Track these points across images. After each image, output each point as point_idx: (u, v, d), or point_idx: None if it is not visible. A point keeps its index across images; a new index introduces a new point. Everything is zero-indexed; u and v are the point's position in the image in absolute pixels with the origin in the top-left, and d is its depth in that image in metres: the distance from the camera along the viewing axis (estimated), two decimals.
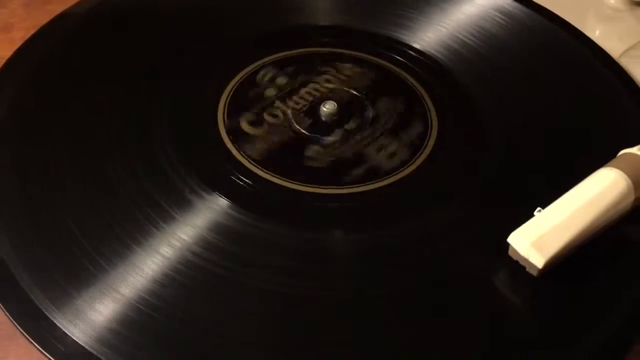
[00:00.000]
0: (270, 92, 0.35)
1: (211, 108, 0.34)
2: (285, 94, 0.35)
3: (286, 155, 0.32)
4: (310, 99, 0.35)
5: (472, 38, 0.39)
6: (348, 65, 0.37)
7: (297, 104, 0.34)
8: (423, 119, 0.34)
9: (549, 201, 0.28)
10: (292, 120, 0.34)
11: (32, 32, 0.39)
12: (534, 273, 0.26)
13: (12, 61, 0.35)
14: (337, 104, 0.34)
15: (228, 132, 0.32)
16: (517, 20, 0.40)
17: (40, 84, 0.34)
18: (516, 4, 0.40)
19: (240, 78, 0.35)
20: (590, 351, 0.25)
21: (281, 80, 0.36)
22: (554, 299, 0.26)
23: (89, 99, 0.34)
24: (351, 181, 0.31)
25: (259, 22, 0.39)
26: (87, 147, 0.31)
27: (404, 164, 0.32)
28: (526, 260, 0.26)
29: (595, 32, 0.43)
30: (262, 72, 0.36)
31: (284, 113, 0.34)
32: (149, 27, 0.39)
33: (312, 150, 0.32)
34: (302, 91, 0.35)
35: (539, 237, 0.26)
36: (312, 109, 0.34)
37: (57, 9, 0.41)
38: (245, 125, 0.33)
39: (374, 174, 0.31)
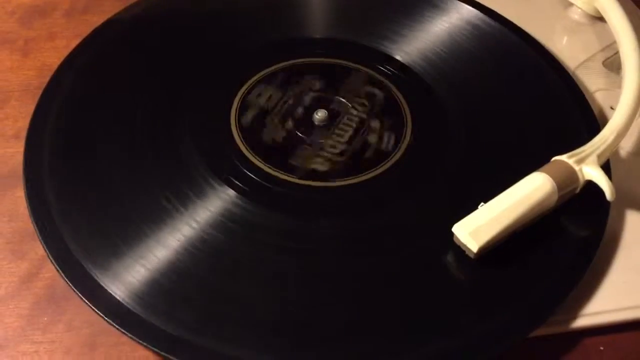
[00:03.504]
0: (269, 106, 0.40)
1: (225, 124, 0.39)
2: (282, 107, 0.40)
3: (298, 159, 0.38)
4: (303, 108, 0.40)
5: (445, 50, 0.44)
6: (328, 73, 0.42)
7: (294, 114, 0.40)
8: (399, 116, 0.40)
9: (493, 195, 0.34)
10: (294, 129, 0.39)
11: (73, 40, 0.44)
12: (472, 256, 0.32)
13: (60, 70, 0.41)
14: (326, 110, 0.39)
15: (246, 147, 0.38)
16: (487, 34, 0.45)
17: (85, 89, 0.40)
18: (488, 20, 0.46)
19: (241, 96, 0.40)
20: (517, 316, 0.32)
21: (275, 94, 0.41)
22: (487, 275, 0.33)
23: (124, 106, 0.40)
24: (363, 169, 0.37)
25: (258, 34, 0.45)
26: (127, 146, 0.38)
27: (393, 149, 0.38)
28: (465, 246, 0.32)
29: (562, 44, 0.48)
30: (257, 89, 0.41)
31: (286, 124, 0.39)
32: (166, 40, 0.44)
33: (318, 151, 0.38)
34: (295, 102, 0.40)
35: (476, 228, 0.32)
36: (307, 117, 0.40)
37: (94, 19, 0.47)
38: (258, 140, 0.38)
39: (372, 164, 0.38)
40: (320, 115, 0.40)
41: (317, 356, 0.31)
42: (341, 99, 0.41)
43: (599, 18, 0.48)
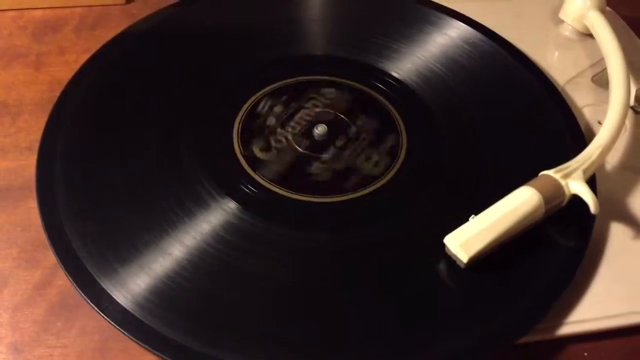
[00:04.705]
0: (271, 120, 0.42)
1: (227, 138, 0.41)
2: (284, 121, 0.42)
3: (294, 173, 0.39)
4: (304, 123, 0.42)
5: (439, 66, 0.46)
6: (331, 90, 0.44)
7: (295, 128, 0.42)
8: (395, 135, 0.42)
9: (484, 208, 0.36)
10: (294, 143, 0.41)
11: (82, 55, 0.46)
12: (462, 265, 0.34)
13: (71, 84, 0.43)
14: (326, 125, 0.41)
15: (245, 159, 0.39)
16: (479, 51, 0.47)
17: (94, 103, 0.42)
18: (481, 37, 0.48)
19: (245, 110, 0.42)
20: (504, 324, 0.33)
21: (278, 108, 0.43)
22: (476, 284, 0.35)
23: (132, 119, 0.41)
24: (350, 189, 0.39)
25: (261, 51, 0.46)
26: (134, 162, 0.39)
27: (385, 169, 0.40)
28: (456, 256, 0.34)
29: (553, 59, 0.50)
30: (261, 104, 0.43)
31: (286, 138, 0.41)
32: (174, 54, 0.46)
33: (314, 166, 0.40)
34: (297, 116, 0.42)
35: (466, 240, 0.34)
36: (307, 131, 0.41)
37: (102, 34, 0.49)
38: (257, 152, 0.40)
39: (366, 181, 0.39)
40: (320, 130, 0.41)
41: None
42: (344, 117, 0.43)
43: (589, 35, 0.50)
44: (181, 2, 0.50)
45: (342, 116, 0.43)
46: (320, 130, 0.41)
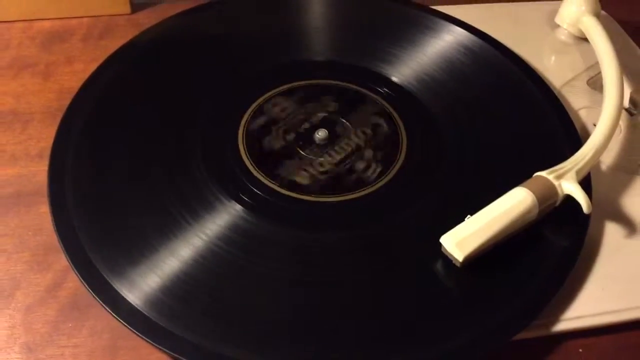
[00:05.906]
0: (275, 123, 0.43)
1: (233, 135, 0.42)
2: (289, 122, 0.43)
3: (292, 172, 0.41)
4: (308, 125, 0.43)
5: (438, 71, 0.47)
6: (333, 95, 0.45)
7: (299, 130, 0.43)
8: (395, 140, 0.43)
9: (481, 208, 0.37)
10: (295, 144, 0.42)
11: (90, 64, 0.47)
12: (458, 264, 0.35)
13: (80, 92, 0.44)
14: (327, 130, 0.42)
15: (248, 155, 0.41)
16: (478, 56, 0.48)
17: (103, 111, 0.43)
18: (479, 41, 0.49)
19: (249, 115, 0.43)
20: (501, 321, 0.34)
21: (287, 109, 0.44)
22: (473, 282, 0.36)
23: (140, 125, 0.43)
24: (343, 191, 0.40)
25: (265, 58, 0.48)
26: (142, 168, 0.40)
27: (380, 175, 0.41)
28: (452, 255, 0.35)
29: (549, 63, 0.51)
30: (270, 103, 0.44)
31: (290, 138, 0.42)
32: (180, 62, 0.48)
33: (313, 167, 0.41)
34: (302, 119, 0.43)
35: (461, 239, 0.35)
36: (310, 134, 0.42)
37: (109, 44, 0.50)
38: (260, 150, 0.41)
39: (361, 184, 0.40)
40: (321, 134, 0.42)
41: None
42: (347, 122, 0.44)
43: (584, 39, 0.51)
44: (186, 11, 0.51)
45: (344, 121, 0.44)
46: (321, 134, 0.42)
